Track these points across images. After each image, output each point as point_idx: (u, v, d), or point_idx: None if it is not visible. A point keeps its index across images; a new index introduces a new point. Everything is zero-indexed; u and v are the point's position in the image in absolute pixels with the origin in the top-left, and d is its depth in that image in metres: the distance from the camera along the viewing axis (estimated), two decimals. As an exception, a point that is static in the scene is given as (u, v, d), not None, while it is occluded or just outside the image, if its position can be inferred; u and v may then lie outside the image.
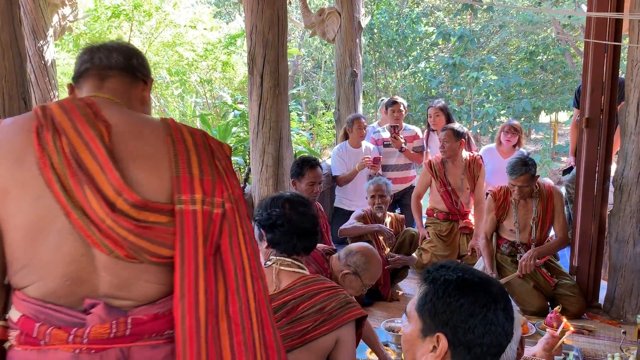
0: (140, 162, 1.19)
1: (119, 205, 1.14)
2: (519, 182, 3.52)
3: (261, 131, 3.95)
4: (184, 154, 1.22)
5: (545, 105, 13.08)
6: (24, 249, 1.16)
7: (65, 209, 1.13)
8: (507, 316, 1.18)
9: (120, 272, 1.18)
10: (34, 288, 1.18)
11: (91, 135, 1.17)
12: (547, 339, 2.47)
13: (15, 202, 1.15)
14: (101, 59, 1.33)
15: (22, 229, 1.15)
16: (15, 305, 1.21)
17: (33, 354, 1.18)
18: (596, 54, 3.42)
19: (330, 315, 1.93)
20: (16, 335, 1.20)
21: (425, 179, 4.60)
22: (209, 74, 10.20)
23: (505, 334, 1.18)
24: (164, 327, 1.23)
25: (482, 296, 1.17)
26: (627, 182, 3.32)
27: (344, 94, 5.98)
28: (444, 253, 4.46)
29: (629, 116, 3.27)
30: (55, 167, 1.13)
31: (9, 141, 1.17)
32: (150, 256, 1.19)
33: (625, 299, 3.41)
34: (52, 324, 1.17)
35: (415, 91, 14.30)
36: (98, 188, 1.14)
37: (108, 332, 1.17)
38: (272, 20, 3.81)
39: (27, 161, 1.14)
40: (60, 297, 1.18)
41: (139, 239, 1.16)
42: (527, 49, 13.46)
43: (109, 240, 1.15)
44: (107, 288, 1.19)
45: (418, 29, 13.67)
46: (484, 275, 1.23)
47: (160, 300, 1.23)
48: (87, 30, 8.27)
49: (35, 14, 4.39)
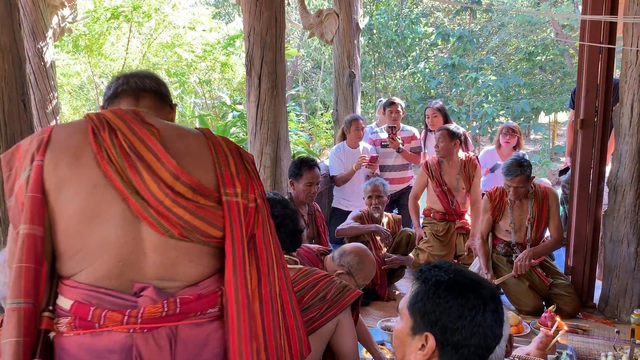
0: (189, 158, 1.37)
1: (177, 188, 1.31)
2: (514, 183, 3.55)
3: (259, 132, 3.97)
4: (222, 155, 1.43)
5: (544, 105, 13.09)
6: (79, 234, 1.29)
7: (124, 194, 1.29)
8: (497, 319, 1.20)
9: (168, 253, 1.32)
10: (85, 273, 1.30)
11: (145, 132, 1.35)
12: (540, 338, 2.49)
13: (71, 193, 1.28)
14: (136, 82, 1.53)
15: (78, 215, 1.28)
16: (65, 293, 1.31)
17: (86, 338, 1.28)
18: (591, 55, 3.45)
19: (332, 301, 2.05)
20: (67, 322, 1.29)
21: (422, 180, 4.63)
22: (208, 74, 10.23)
23: (494, 336, 1.19)
24: (206, 306, 1.36)
25: (471, 298, 1.18)
26: (622, 183, 3.35)
27: (342, 95, 6.01)
28: (441, 253, 4.48)
29: (623, 117, 3.30)
30: (112, 160, 1.30)
31: (66, 141, 1.32)
32: (201, 235, 1.34)
33: (619, 299, 3.44)
34: (105, 308, 1.28)
35: (414, 92, 14.32)
36: (156, 174, 1.30)
37: (160, 312, 1.29)
38: (269, 21, 3.83)
39: (83, 157, 1.30)
40: (111, 280, 1.30)
41: (194, 217, 1.32)
42: (526, 50, 13.47)
43: (165, 220, 1.30)
44: (155, 270, 1.32)
45: (417, 30, 13.69)
46: (475, 277, 1.25)
47: (202, 282, 1.37)
48: (87, 32, 8.30)
49: (35, 15, 4.41)
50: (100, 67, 9.07)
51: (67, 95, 9.37)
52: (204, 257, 1.38)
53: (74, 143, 1.32)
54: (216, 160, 1.41)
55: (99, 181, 1.29)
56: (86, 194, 1.28)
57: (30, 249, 1.26)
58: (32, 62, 4.46)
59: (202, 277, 1.37)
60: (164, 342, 1.30)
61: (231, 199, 1.38)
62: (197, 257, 1.36)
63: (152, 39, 9.17)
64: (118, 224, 1.29)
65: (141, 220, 1.30)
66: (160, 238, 1.31)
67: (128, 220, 1.30)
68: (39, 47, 4.45)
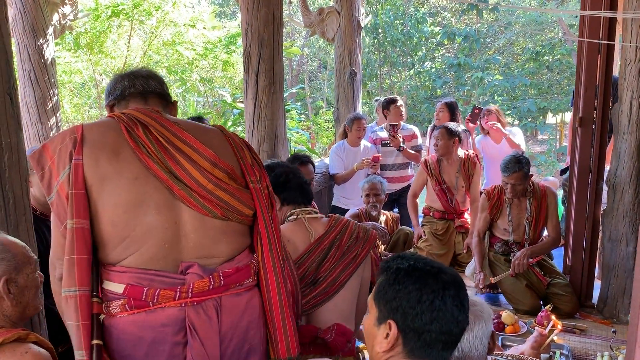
0: (217, 149, 1.56)
1: (215, 174, 1.52)
2: (511, 179, 3.52)
3: (256, 129, 3.97)
4: (241, 149, 1.65)
5: (551, 106, 13.00)
6: (125, 223, 1.44)
7: (168, 183, 1.46)
8: (457, 304, 1.18)
9: (208, 232, 1.51)
10: (133, 258, 1.45)
11: (176, 128, 1.53)
12: (535, 337, 2.47)
13: (114, 186, 1.43)
14: (142, 85, 1.66)
15: (123, 206, 1.43)
16: (115, 279, 1.47)
17: (141, 316, 1.45)
18: (590, 53, 3.41)
19: (364, 240, 2.26)
20: (120, 304, 1.45)
21: (421, 178, 4.61)
22: (210, 72, 10.23)
23: (456, 322, 1.18)
24: (243, 278, 1.56)
25: (430, 283, 1.18)
26: (621, 182, 3.31)
27: (343, 93, 5.99)
28: (440, 252, 4.46)
29: (622, 115, 3.26)
30: (151, 154, 1.46)
31: (102, 139, 1.47)
32: (238, 214, 1.56)
33: (618, 299, 3.40)
34: (157, 287, 1.45)
35: (420, 91, 14.26)
36: (196, 163, 1.50)
37: (208, 285, 1.47)
38: (267, 19, 3.82)
39: (122, 153, 1.46)
40: (158, 262, 1.46)
41: (232, 198, 1.54)
42: (533, 50, 13.38)
43: (208, 202, 1.50)
44: (196, 250, 1.50)
45: (423, 29, 13.63)
46: (437, 264, 1.24)
47: (237, 257, 1.57)
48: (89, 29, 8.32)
49: (35, 12, 4.42)
50: (101, 65, 9.10)
51: (69, 92, 9.40)
52: (237, 235, 1.59)
53: (111, 140, 1.47)
54: (236, 152, 1.63)
55: (139, 173, 1.45)
56: (129, 185, 1.44)
57: (80, 241, 1.40)
58: (32, 59, 4.48)
59: (236, 252, 1.57)
60: (211, 312, 1.48)
61: (254, 186, 1.62)
62: (232, 235, 1.56)
63: (153, 36, 9.19)
64: (161, 211, 1.46)
65: (184, 205, 1.48)
66: (201, 219, 1.50)
67: (169, 206, 1.47)
68: (39, 44, 4.46)
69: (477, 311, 1.64)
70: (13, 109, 1.98)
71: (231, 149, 1.62)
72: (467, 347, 1.59)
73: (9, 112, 1.95)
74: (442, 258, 4.45)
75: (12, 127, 1.98)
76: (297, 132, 6.92)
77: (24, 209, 2.02)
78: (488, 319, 1.65)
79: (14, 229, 1.97)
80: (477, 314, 1.63)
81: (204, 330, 1.46)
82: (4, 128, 1.95)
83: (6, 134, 1.95)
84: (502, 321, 3.16)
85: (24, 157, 2.04)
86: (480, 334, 1.60)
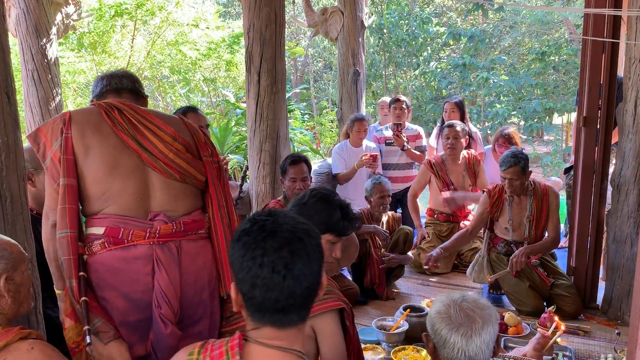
0: (177, 128, 1.99)
1: (175, 146, 1.94)
2: (508, 174, 3.51)
3: (258, 129, 3.96)
4: (196, 131, 2.08)
5: (557, 106, 12.92)
6: (105, 180, 1.85)
7: (138, 152, 1.89)
8: (278, 270, 1.14)
9: (170, 191, 1.93)
10: (112, 207, 1.86)
11: (144, 112, 1.96)
12: (538, 338, 2.44)
13: (97, 153, 1.85)
14: (116, 83, 2.06)
15: (103, 168, 1.85)
16: (97, 223, 1.86)
17: (118, 251, 1.85)
18: (594, 52, 3.38)
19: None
20: (100, 242, 1.84)
21: (424, 178, 4.58)
22: (213, 72, 10.22)
23: (279, 288, 1.14)
24: (197, 228, 1.98)
25: (252, 249, 1.15)
26: (625, 182, 3.28)
27: (346, 93, 5.97)
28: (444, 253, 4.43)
29: (627, 115, 3.23)
30: (125, 130, 1.88)
31: (87, 119, 1.89)
32: (193, 179, 1.98)
33: (623, 300, 3.36)
34: (131, 229, 1.85)
35: (425, 92, 14.22)
36: (160, 137, 1.92)
37: (171, 229, 1.89)
38: (269, 18, 3.81)
39: (102, 129, 1.88)
40: (132, 210, 1.87)
41: (189, 166, 1.96)
42: (539, 50, 13.30)
43: (169, 167, 1.92)
44: (162, 203, 1.92)
45: (428, 29, 13.59)
46: (272, 228, 1.18)
47: (192, 213, 1.99)
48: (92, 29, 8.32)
49: (39, 12, 4.44)
50: (105, 65, 9.11)
51: (73, 93, 9.41)
52: (193, 195, 2.01)
53: (94, 119, 1.88)
54: (192, 133, 2.05)
55: (116, 144, 1.87)
56: (108, 153, 1.86)
57: (70, 194, 1.81)
58: (35, 59, 4.49)
59: (192, 209, 2.00)
60: (173, 250, 1.89)
61: (207, 159, 2.04)
62: (189, 195, 2.00)
63: (157, 36, 9.18)
64: (133, 173, 1.88)
65: (151, 169, 1.91)
66: (165, 181, 1.92)
67: (140, 170, 1.90)
68: (42, 44, 4.47)
69: (486, 315, 1.61)
70: (10, 108, 1.98)
71: (188, 130, 2.04)
72: (474, 352, 1.57)
73: (6, 110, 1.95)
74: (445, 260, 4.42)
75: (9, 126, 1.98)
76: (301, 132, 6.90)
77: (22, 207, 2.02)
78: (495, 322, 1.62)
79: (11, 227, 1.96)
80: (486, 318, 1.60)
81: (167, 263, 1.87)
82: (1, 126, 1.95)
83: (3, 133, 1.95)
84: (505, 322, 3.13)
85: (21, 156, 2.03)
86: (488, 339, 1.58)
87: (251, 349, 1.19)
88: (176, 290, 1.88)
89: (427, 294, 3.88)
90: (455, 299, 1.66)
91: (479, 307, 1.62)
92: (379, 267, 3.82)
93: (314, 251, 1.19)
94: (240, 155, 5.91)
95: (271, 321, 1.18)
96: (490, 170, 4.80)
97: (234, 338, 1.19)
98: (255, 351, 1.18)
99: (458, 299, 1.65)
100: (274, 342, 1.19)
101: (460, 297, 1.66)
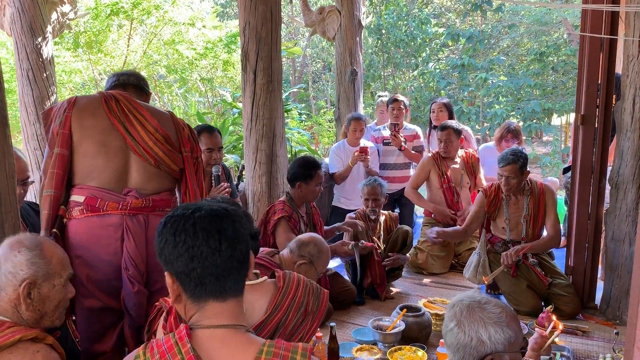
0: (163, 122, 2.33)
1: (156, 136, 2.28)
2: (505, 171, 3.49)
3: (254, 128, 3.93)
4: (182, 128, 2.42)
5: (556, 107, 12.89)
6: (93, 155, 2.22)
7: (124, 136, 2.24)
8: (212, 236, 1.19)
9: (145, 173, 2.28)
10: (95, 180, 2.22)
11: (137, 104, 2.30)
12: (536, 338, 2.41)
13: (90, 132, 2.22)
14: (124, 80, 2.46)
15: (93, 145, 2.22)
16: (79, 192, 2.22)
17: (94, 218, 2.20)
18: (592, 49, 3.36)
19: (313, 313, 1.87)
20: (80, 209, 2.20)
21: (425, 172, 4.55)
22: (211, 72, 10.18)
23: (216, 252, 1.18)
24: (164, 205, 2.32)
25: (181, 226, 1.20)
26: (624, 180, 3.25)
27: (344, 93, 5.94)
28: (440, 254, 4.41)
29: (625, 113, 3.20)
30: (117, 116, 2.24)
31: (87, 104, 2.27)
32: (166, 167, 2.32)
33: (621, 300, 3.34)
34: (107, 200, 2.20)
35: (424, 92, 14.19)
36: (144, 126, 2.26)
37: (141, 204, 2.25)
38: (265, 16, 3.79)
39: (98, 114, 2.25)
40: (110, 184, 2.23)
41: (164, 155, 2.30)
42: (537, 50, 13.27)
43: (147, 153, 2.26)
44: (136, 182, 2.27)
45: (427, 30, 13.55)
46: (194, 207, 1.25)
47: (162, 193, 2.34)
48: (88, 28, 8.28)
49: (34, 11, 4.39)
50: (101, 65, 9.07)
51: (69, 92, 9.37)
52: (165, 179, 2.36)
53: (93, 105, 2.26)
54: (177, 129, 2.40)
55: (107, 127, 2.24)
56: (99, 133, 2.22)
57: (60, 162, 2.19)
58: (30, 58, 4.44)
59: (163, 189, 2.35)
60: (141, 222, 2.24)
61: (187, 154, 2.39)
62: (162, 178, 2.34)
63: (153, 35, 9.13)
64: (117, 153, 2.24)
65: (132, 152, 2.26)
66: (141, 164, 2.27)
67: (123, 151, 2.25)
68: (37, 43, 4.43)
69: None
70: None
71: (174, 126, 2.39)
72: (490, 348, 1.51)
73: (-7, 107, 1.93)
74: (442, 259, 4.41)
75: (-3, 123, 1.95)
76: (299, 132, 6.86)
77: (10, 206, 1.98)
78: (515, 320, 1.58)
79: (0, 226, 1.93)
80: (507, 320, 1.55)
81: (135, 232, 2.21)
82: (-11, 123, 1.92)
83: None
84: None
85: (9, 154, 2.00)
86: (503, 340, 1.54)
87: (199, 335, 1.20)
88: (142, 255, 2.22)
89: (424, 294, 3.85)
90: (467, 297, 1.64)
91: (493, 310, 1.58)
92: (381, 268, 3.81)
93: (240, 222, 1.25)
94: (236, 155, 5.88)
95: (213, 293, 1.20)
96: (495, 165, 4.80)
97: (181, 329, 1.20)
98: (204, 335, 1.20)
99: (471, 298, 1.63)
100: (219, 321, 1.20)
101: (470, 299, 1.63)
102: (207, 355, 1.17)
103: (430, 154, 4.63)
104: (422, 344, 2.94)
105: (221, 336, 1.19)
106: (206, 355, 1.17)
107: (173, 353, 1.16)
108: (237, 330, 1.21)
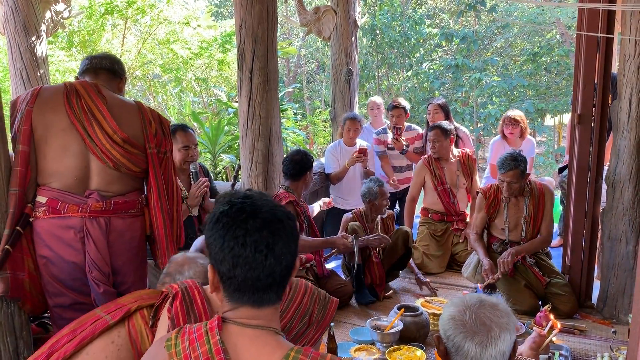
0: (125, 120, 2.31)
1: (114, 138, 2.25)
2: (507, 177, 3.47)
3: (250, 127, 3.90)
4: (149, 122, 2.39)
5: (549, 107, 12.94)
6: (54, 158, 2.21)
7: (82, 137, 2.22)
8: (261, 249, 1.17)
9: (105, 176, 2.28)
10: (56, 182, 2.22)
11: (99, 101, 2.26)
12: (534, 337, 2.42)
13: (51, 132, 2.20)
14: (96, 63, 2.42)
15: (56, 148, 2.21)
16: (43, 194, 2.22)
17: (55, 220, 2.21)
18: (588, 48, 3.36)
19: (317, 322, 1.84)
20: (43, 210, 2.20)
21: (420, 178, 4.55)
22: (205, 72, 10.15)
23: (261, 267, 1.17)
24: (129, 208, 2.35)
25: (233, 230, 1.18)
26: (620, 179, 3.26)
27: (339, 93, 5.93)
28: (437, 253, 4.41)
29: (621, 112, 3.21)
30: (77, 115, 2.21)
31: (49, 98, 2.23)
32: (126, 169, 2.32)
33: (618, 298, 3.34)
34: (67, 202, 2.21)
35: (418, 92, 14.20)
36: (102, 128, 2.23)
37: (101, 207, 2.26)
38: (261, 15, 3.76)
39: (59, 111, 2.21)
40: (71, 187, 2.24)
41: (123, 158, 2.29)
42: (531, 51, 13.33)
43: (105, 156, 2.25)
44: (98, 185, 2.27)
45: (421, 31, 13.57)
46: (251, 209, 1.21)
47: (127, 194, 2.36)
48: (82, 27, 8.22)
49: (27, 10, 4.36)
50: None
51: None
52: (128, 180, 2.36)
53: (54, 100, 2.22)
54: (143, 124, 2.36)
55: (66, 126, 2.21)
56: (59, 134, 2.20)
57: (22, 159, 2.16)
58: (23, 57, 4.40)
59: (127, 191, 2.36)
60: (102, 224, 2.26)
61: (153, 151, 2.38)
62: (124, 180, 2.34)
63: (147, 34, 9.09)
64: (77, 156, 2.23)
65: (91, 154, 2.24)
66: (101, 166, 2.27)
67: (83, 154, 2.24)
68: (30, 42, 4.40)
69: (504, 323, 1.50)
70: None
71: (140, 121, 2.35)
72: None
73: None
74: (439, 259, 4.41)
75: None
76: (294, 131, 6.85)
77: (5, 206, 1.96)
78: (513, 330, 1.52)
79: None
80: (504, 326, 1.49)
81: (95, 235, 2.24)
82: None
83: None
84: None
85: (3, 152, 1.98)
86: (505, 348, 1.48)
87: (230, 329, 1.20)
88: (105, 257, 2.26)
89: (422, 294, 3.85)
90: (472, 304, 1.54)
91: (497, 315, 1.51)
92: (380, 269, 3.80)
93: (292, 233, 1.23)
94: (232, 154, 5.85)
95: (250, 300, 1.20)
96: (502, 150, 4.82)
97: (213, 320, 1.21)
98: (234, 330, 1.20)
99: (475, 305, 1.54)
100: (252, 322, 1.20)
101: (477, 303, 1.54)
102: (234, 350, 1.18)
103: (422, 159, 4.61)
104: (420, 344, 2.93)
105: (251, 334, 1.20)
106: (233, 350, 1.18)
107: (202, 342, 1.17)
108: (268, 331, 1.21)
